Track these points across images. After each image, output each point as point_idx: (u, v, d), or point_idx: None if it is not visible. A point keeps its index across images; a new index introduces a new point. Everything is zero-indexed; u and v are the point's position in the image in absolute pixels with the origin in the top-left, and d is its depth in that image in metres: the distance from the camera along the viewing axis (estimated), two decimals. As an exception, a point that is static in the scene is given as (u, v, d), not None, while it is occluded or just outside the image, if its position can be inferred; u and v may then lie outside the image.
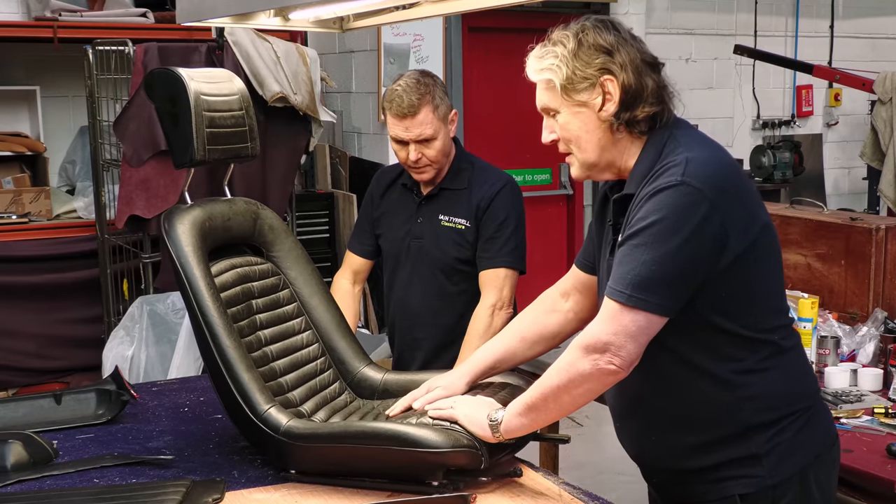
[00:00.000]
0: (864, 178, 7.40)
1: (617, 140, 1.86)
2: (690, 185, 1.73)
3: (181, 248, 2.11)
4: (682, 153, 1.79)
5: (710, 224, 1.74)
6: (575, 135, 1.87)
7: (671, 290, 1.75)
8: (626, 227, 1.80)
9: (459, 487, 1.92)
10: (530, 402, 1.87)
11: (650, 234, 1.74)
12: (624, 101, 1.82)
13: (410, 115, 2.73)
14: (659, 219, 1.73)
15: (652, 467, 2.01)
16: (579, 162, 1.90)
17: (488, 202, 2.82)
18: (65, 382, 4.70)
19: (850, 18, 7.50)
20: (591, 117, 1.85)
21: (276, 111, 4.59)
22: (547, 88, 1.88)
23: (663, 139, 1.85)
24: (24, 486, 2.02)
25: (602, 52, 1.82)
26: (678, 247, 1.73)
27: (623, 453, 2.07)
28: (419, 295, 2.89)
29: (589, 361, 1.77)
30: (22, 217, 4.73)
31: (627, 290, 1.74)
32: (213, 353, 2.05)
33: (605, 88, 1.82)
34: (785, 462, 1.86)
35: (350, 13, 2.39)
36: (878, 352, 3.05)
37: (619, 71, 1.81)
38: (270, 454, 2.08)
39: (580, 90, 1.83)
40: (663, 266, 1.73)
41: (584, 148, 1.87)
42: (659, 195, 1.75)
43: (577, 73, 1.82)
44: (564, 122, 1.88)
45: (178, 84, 2.17)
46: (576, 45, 1.82)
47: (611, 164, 1.89)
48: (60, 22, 4.62)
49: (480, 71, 5.93)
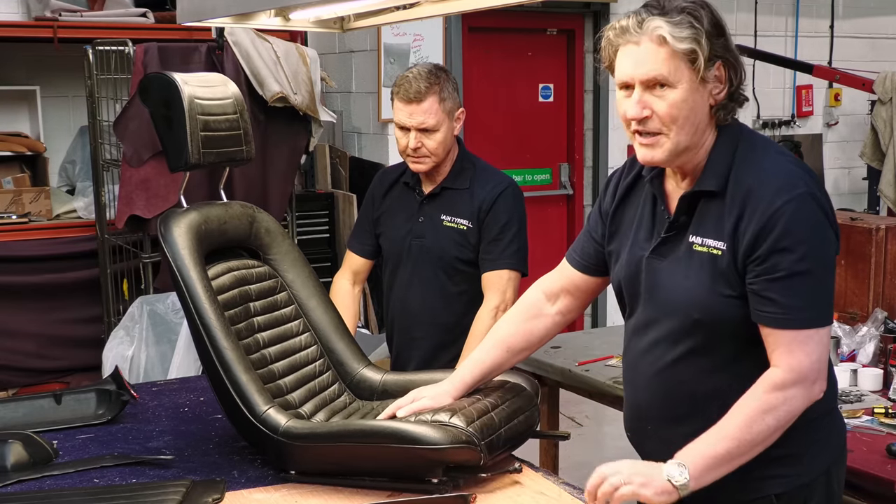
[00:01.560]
0: (864, 178, 7.40)
1: (705, 129, 1.81)
2: (816, 195, 1.75)
3: (178, 252, 2.11)
4: (773, 159, 1.79)
5: (831, 230, 1.78)
6: (684, 114, 1.75)
7: (830, 299, 1.80)
8: (759, 247, 1.73)
9: (459, 484, 1.92)
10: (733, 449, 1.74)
11: (808, 256, 1.73)
12: (733, 88, 1.80)
13: (416, 101, 2.75)
14: (810, 238, 1.73)
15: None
16: (672, 144, 1.78)
17: (490, 204, 2.82)
18: (65, 382, 4.70)
19: (850, 18, 7.49)
20: (705, 99, 1.77)
21: (276, 111, 4.59)
22: (681, 58, 1.72)
23: (732, 138, 1.82)
24: (24, 486, 2.02)
25: (724, 35, 1.77)
26: (829, 259, 1.78)
27: (623, 453, 2.06)
28: (419, 294, 2.89)
29: (805, 395, 1.76)
30: (22, 217, 4.73)
31: (814, 315, 1.75)
32: (210, 356, 2.05)
33: (720, 72, 1.77)
34: (816, 460, 1.87)
35: (350, 13, 2.39)
36: (878, 352, 3.05)
37: (730, 58, 1.78)
38: (270, 455, 2.08)
39: (708, 67, 1.74)
40: (827, 281, 1.78)
41: (685, 129, 1.77)
42: (796, 214, 1.72)
43: (708, 49, 1.73)
44: (678, 99, 1.74)
45: (172, 88, 2.18)
46: (710, 20, 1.74)
47: (691, 152, 1.81)
48: (60, 22, 4.62)
49: (480, 71, 5.93)
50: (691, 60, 1.73)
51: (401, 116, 2.79)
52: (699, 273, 1.81)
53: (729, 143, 1.82)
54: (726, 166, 1.80)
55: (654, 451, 1.93)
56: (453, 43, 5.65)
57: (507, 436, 2.00)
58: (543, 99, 6.25)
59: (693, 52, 1.72)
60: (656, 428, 1.95)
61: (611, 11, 6.09)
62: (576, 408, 5.31)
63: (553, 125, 6.32)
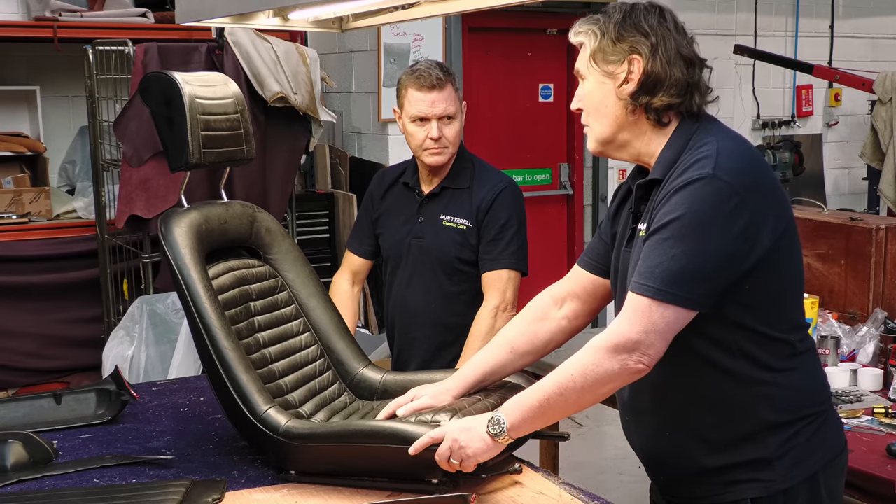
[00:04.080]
0: (864, 178, 7.40)
1: (634, 122, 1.87)
2: (721, 178, 1.73)
3: (178, 252, 2.11)
4: (712, 145, 1.78)
5: (740, 219, 1.73)
6: (594, 105, 1.89)
7: (700, 285, 1.73)
8: (653, 220, 1.79)
9: (459, 485, 1.92)
10: (548, 404, 1.81)
11: (679, 228, 1.73)
12: (644, 84, 1.83)
13: (438, 88, 2.75)
14: (689, 212, 1.72)
15: (662, 465, 1.99)
16: (594, 133, 1.91)
17: (489, 203, 2.82)
18: (65, 382, 4.70)
19: (850, 18, 7.49)
20: (612, 92, 1.86)
21: (276, 111, 4.59)
22: (582, 52, 1.91)
23: (692, 129, 1.85)
24: (24, 486, 2.02)
25: (639, 33, 1.84)
26: (708, 240, 1.72)
27: (623, 453, 2.07)
28: (419, 294, 2.89)
29: (617, 362, 1.74)
30: (22, 217, 4.73)
31: (655, 284, 1.72)
32: (210, 355, 2.05)
33: (630, 67, 1.83)
34: (797, 467, 1.85)
35: (350, 13, 2.39)
36: (878, 352, 3.05)
37: (647, 54, 1.82)
38: (270, 455, 2.08)
39: (608, 62, 1.86)
40: (693, 259, 1.72)
41: (599, 120, 1.89)
42: (688, 188, 1.74)
43: (609, 45, 1.85)
44: (588, 91, 1.90)
45: (173, 88, 2.18)
46: (620, 19, 1.85)
47: (626, 144, 1.90)
48: (60, 22, 4.62)
49: (480, 71, 5.94)
50: (590, 56, 1.88)
51: (421, 107, 2.77)
52: (636, 257, 1.85)
53: (683, 134, 1.85)
54: (675, 155, 1.83)
55: (636, 444, 2.01)
56: (453, 43, 5.65)
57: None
58: (543, 99, 6.25)
59: (583, 45, 1.89)
60: (633, 419, 2.00)
61: (611, 11, 6.08)
62: (576, 408, 5.30)
63: (553, 125, 6.32)
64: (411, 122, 2.80)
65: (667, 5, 1.92)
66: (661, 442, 1.95)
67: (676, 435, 1.91)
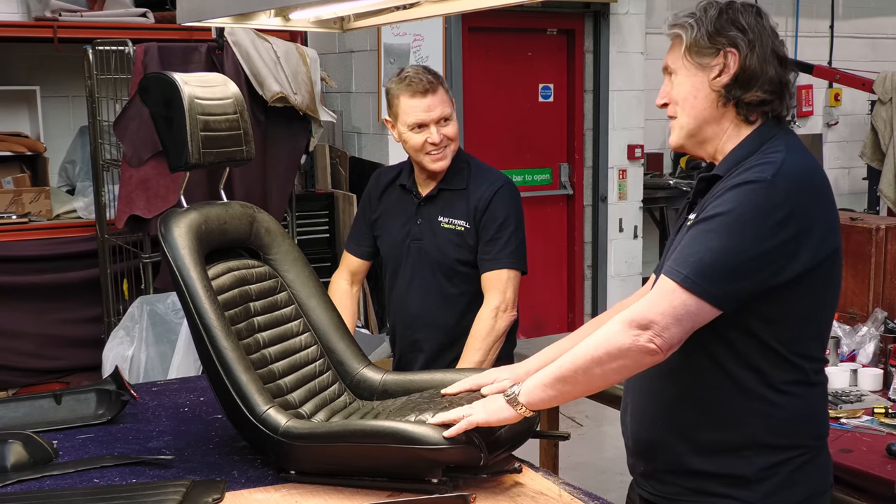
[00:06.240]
0: (864, 178, 7.41)
1: (721, 116, 1.87)
2: (778, 187, 1.73)
3: (177, 252, 2.11)
4: (781, 154, 1.79)
5: (784, 231, 1.73)
6: (683, 97, 1.89)
7: (727, 283, 1.72)
8: (703, 210, 1.79)
9: (459, 484, 1.92)
10: (559, 372, 1.83)
11: (723, 223, 1.73)
12: (739, 77, 1.83)
13: (431, 92, 2.74)
14: (737, 210, 1.73)
15: (644, 455, 1.98)
16: (679, 126, 1.91)
17: (486, 203, 2.81)
18: (65, 382, 4.71)
19: (850, 18, 7.50)
20: (704, 84, 1.86)
21: (276, 111, 4.60)
22: (674, 45, 1.90)
23: (769, 134, 1.85)
24: (24, 486, 2.02)
25: (736, 28, 1.85)
26: (749, 243, 1.72)
27: (623, 453, 2.07)
28: (420, 297, 2.89)
29: (630, 336, 1.73)
30: (22, 217, 4.73)
31: (684, 271, 1.72)
32: (210, 356, 2.05)
33: (726, 60, 1.84)
34: (775, 495, 1.84)
35: (350, 13, 2.39)
36: (878, 352, 3.05)
37: (744, 48, 1.83)
38: (270, 455, 2.08)
39: (704, 54, 1.85)
40: (727, 256, 1.72)
41: (687, 112, 1.89)
42: (744, 187, 1.74)
43: (706, 38, 1.85)
44: (678, 83, 1.89)
45: (172, 88, 2.17)
46: (717, 14, 1.86)
47: (708, 140, 1.90)
48: (60, 22, 4.62)
49: (480, 71, 5.94)
50: (680, 45, 1.88)
51: (417, 114, 2.75)
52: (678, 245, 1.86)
53: (759, 137, 1.86)
54: (744, 156, 1.84)
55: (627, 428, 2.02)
56: (453, 43, 5.65)
57: (507, 436, 2.00)
58: (543, 99, 6.25)
59: (679, 38, 1.88)
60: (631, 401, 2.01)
61: (611, 11, 6.09)
62: (576, 408, 5.31)
63: (553, 125, 6.32)
64: (409, 130, 2.78)
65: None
66: (650, 431, 1.95)
67: (666, 428, 1.91)
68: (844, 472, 2.31)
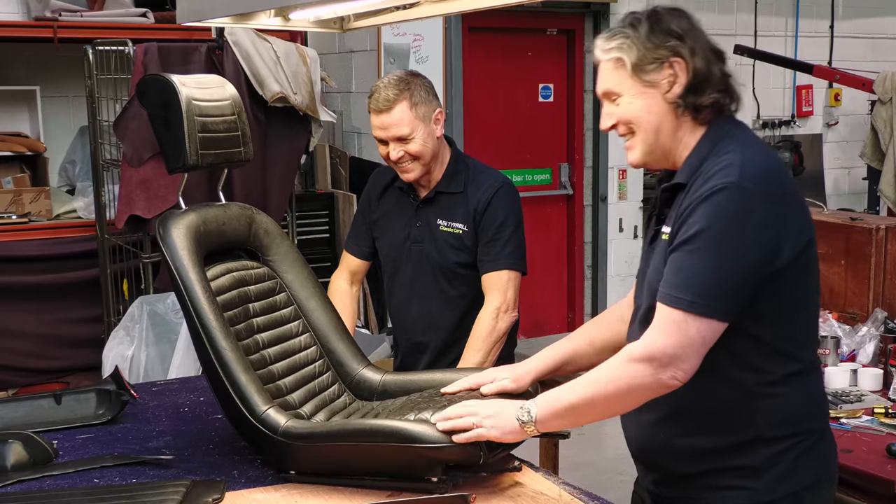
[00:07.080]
0: (864, 178, 7.41)
1: (678, 126, 1.86)
2: (746, 188, 1.73)
3: (176, 253, 2.11)
4: (736, 154, 1.78)
5: (765, 231, 1.74)
6: (636, 115, 1.86)
7: (732, 296, 1.73)
8: (680, 226, 1.78)
9: (459, 484, 1.92)
10: (575, 404, 1.82)
11: (709, 239, 1.73)
12: (692, 84, 1.83)
13: (385, 111, 2.71)
14: (716, 223, 1.73)
15: (653, 462, 1.99)
16: (639, 143, 1.88)
17: (485, 205, 2.80)
18: (65, 382, 4.70)
19: (850, 18, 7.50)
20: (657, 98, 1.85)
21: (276, 111, 4.59)
22: (615, 68, 1.87)
23: (720, 134, 1.85)
24: (24, 486, 2.02)
25: (673, 37, 1.84)
26: (740, 252, 1.73)
27: (623, 453, 2.07)
28: (420, 299, 2.88)
29: (651, 376, 1.74)
30: (22, 217, 4.73)
31: (688, 297, 1.72)
32: (210, 357, 2.05)
33: (673, 70, 1.83)
34: (782, 481, 1.85)
35: (350, 13, 2.39)
36: (878, 352, 3.05)
37: (688, 55, 1.83)
38: (270, 455, 2.08)
39: (649, 70, 1.84)
40: (726, 270, 1.73)
41: (644, 128, 1.87)
42: (714, 197, 1.74)
43: (648, 54, 1.83)
44: (628, 103, 1.86)
45: (169, 90, 2.17)
46: (648, 27, 1.84)
47: (668, 151, 1.89)
48: (60, 22, 4.62)
49: (480, 71, 5.94)
50: (623, 68, 1.84)
51: (375, 129, 2.76)
52: (657, 259, 1.86)
53: (712, 138, 1.85)
54: (700, 160, 1.83)
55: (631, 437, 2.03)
56: (453, 43, 5.65)
57: (507, 436, 2.00)
58: (543, 99, 6.25)
59: (620, 61, 1.85)
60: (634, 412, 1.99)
61: (611, 11, 6.09)
62: (576, 408, 5.30)
63: (553, 125, 6.32)
64: (377, 142, 2.80)
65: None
66: (655, 439, 1.95)
67: (671, 435, 1.92)
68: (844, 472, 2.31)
